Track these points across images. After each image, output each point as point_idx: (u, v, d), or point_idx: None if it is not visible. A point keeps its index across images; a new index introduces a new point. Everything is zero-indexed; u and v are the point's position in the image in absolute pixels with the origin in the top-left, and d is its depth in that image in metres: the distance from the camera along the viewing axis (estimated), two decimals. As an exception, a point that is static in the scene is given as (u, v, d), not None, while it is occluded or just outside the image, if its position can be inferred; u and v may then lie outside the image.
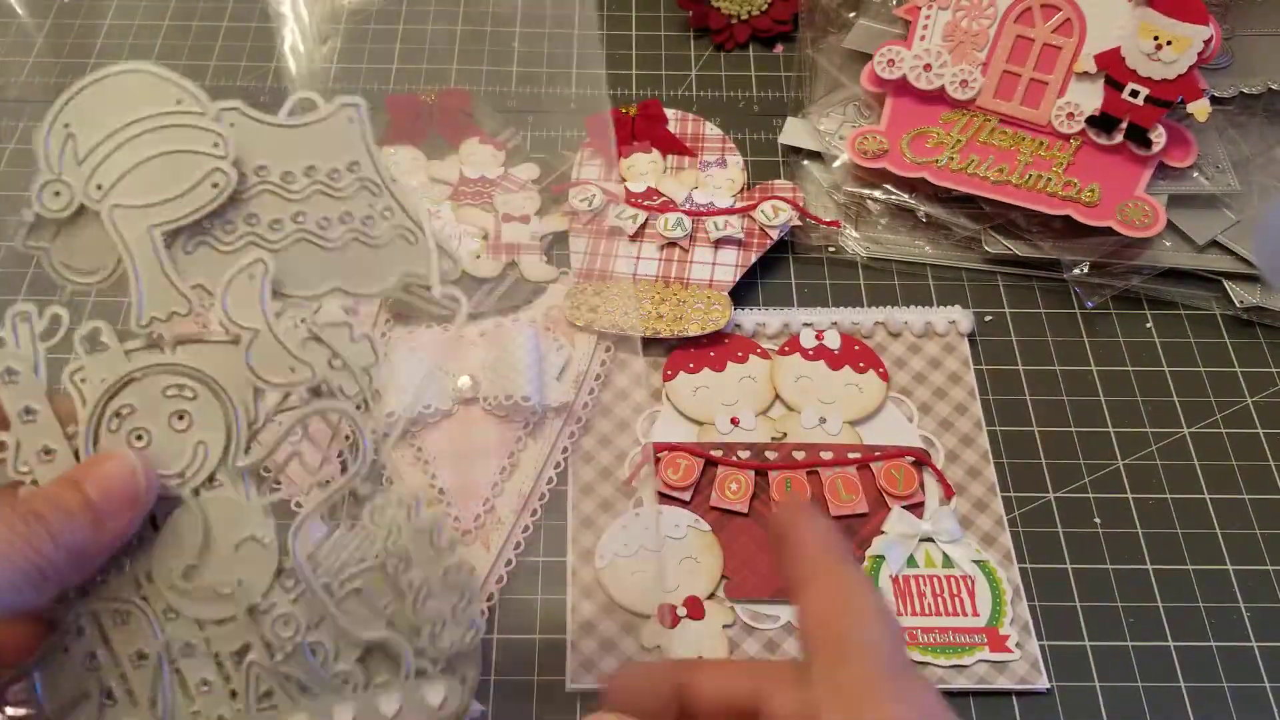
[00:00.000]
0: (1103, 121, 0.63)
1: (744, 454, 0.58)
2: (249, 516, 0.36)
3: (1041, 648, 0.52)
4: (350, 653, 0.36)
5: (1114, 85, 0.63)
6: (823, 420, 0.59)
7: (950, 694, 0.51)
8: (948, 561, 0.55)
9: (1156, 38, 0.61)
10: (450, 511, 0.56)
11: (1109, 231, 0.63)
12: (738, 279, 0.64)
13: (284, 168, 0.38)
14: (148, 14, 0.81)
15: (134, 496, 0.34)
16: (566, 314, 0.62)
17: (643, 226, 0.66)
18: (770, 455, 0.58)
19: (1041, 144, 0.65)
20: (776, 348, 0.62)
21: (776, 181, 0.69)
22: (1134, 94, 0.62)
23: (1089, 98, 0.64)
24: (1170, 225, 0.64)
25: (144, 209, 0.37)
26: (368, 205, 0.38)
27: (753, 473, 0.57)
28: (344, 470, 0.37)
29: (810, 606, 0.34)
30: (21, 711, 0.36)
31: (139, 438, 0.36)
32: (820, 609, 0.34)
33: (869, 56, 0.67)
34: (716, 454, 0.58)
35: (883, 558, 0.54)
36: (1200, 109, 0.62)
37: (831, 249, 0.67)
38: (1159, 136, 0.62)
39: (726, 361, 0.61)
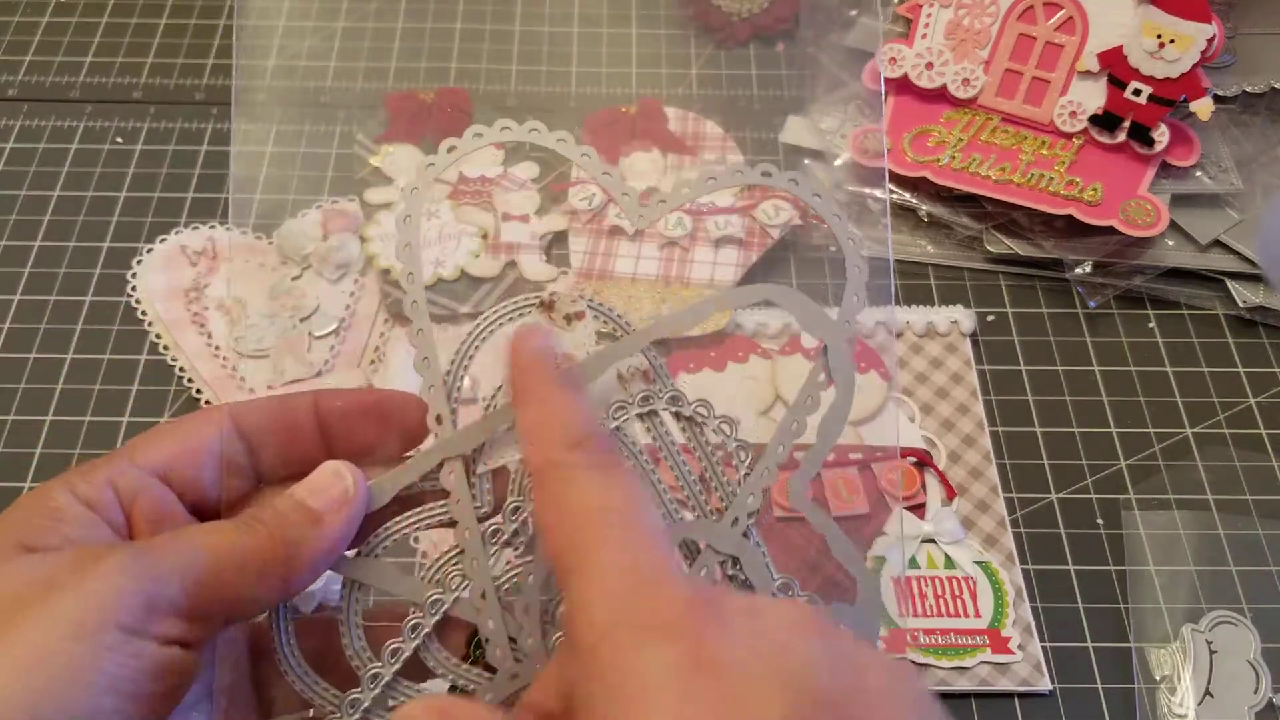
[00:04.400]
0: (1105, 120, 0.63)
1: (745, 454, 0.58)
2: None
3: (1044, 649, 0.52)
4: None
5: (1117, 84, 0.63)
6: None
7: (952, 696, 0.51)
8: (949, 563, 0.54)
9: (1159, 36, 0.61)
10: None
11: (1111, 231, 0.62)
12: (738, 279, 0.63)
13: None
14: (145, 12, 0.81)
15: (344, 496, 0.35)
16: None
17: (643, 226, 0.65)
18: (771, 456, 0.58)
19: (1044, 143, 0.65)
20: (777, 348, 0.62)
21: (777, 181, 0.68)
22: (1137, 92, 0.62)
23: (1091, 96, 0.64)
24: (1173, 225, 0.63)
25: None
26: None
27: (754, 473, 0.57)
28: None
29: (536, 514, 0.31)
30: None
31: None
32: (544, 520, 0.30)
33: (870, 55, 0.67)
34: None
35: (884, 559, 0.54)
36: (1203, 108, 0.61)
37: (832, 249, 0.67)
38: (1162, 135, 0.62)
39: (726, 361, 0.61)
